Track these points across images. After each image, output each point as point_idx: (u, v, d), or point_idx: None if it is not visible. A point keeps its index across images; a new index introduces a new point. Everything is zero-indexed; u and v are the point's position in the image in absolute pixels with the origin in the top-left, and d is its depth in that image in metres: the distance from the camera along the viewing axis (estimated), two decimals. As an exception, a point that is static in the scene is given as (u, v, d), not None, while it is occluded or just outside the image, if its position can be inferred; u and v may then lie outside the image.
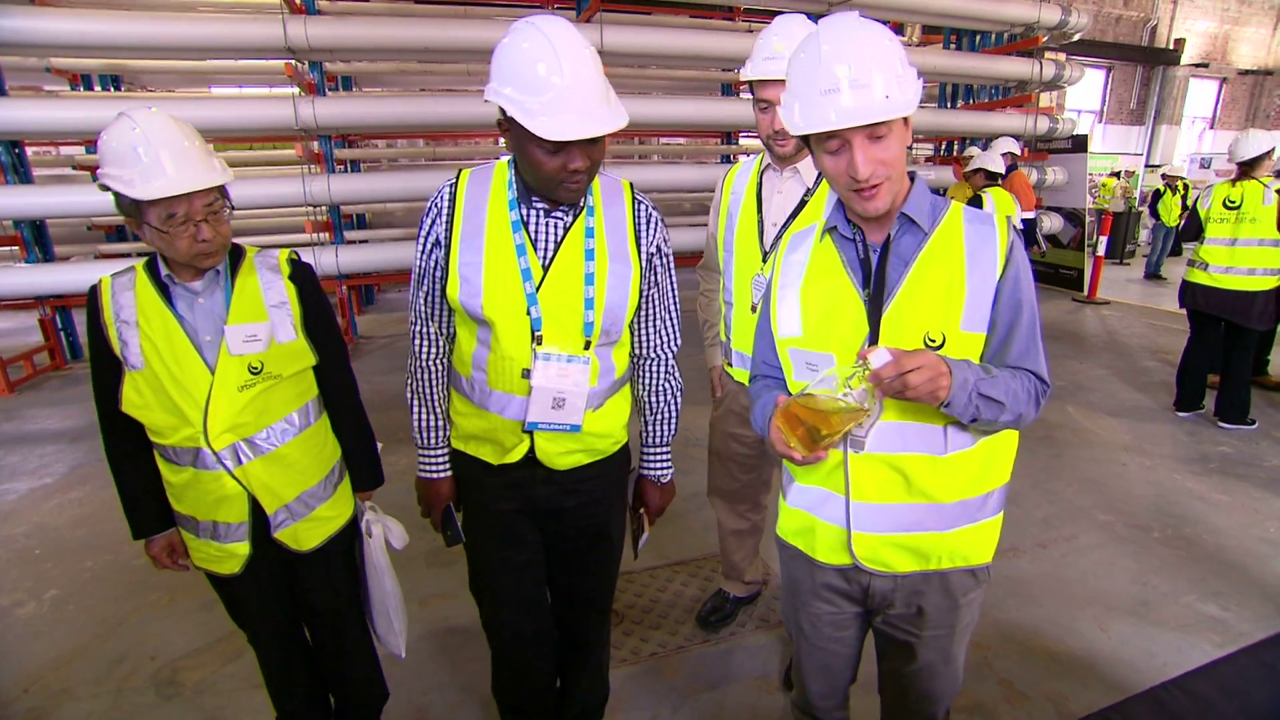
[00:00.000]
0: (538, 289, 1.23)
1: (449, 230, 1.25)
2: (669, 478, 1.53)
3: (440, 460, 1.43)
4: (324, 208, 5.76)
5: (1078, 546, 2.75)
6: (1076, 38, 7.58)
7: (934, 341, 1.02)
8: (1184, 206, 9.05)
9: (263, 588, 1.49)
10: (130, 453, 1.41)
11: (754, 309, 1.73)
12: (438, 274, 1.29)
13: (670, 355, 1.46)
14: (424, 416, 1.41)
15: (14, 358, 5.09)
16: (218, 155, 1.30)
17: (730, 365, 1.90)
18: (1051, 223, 7.53)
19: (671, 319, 1.43)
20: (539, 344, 1.24)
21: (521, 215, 1.25)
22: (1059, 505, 3.08)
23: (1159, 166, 12.48)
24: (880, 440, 1.05)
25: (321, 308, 1.47)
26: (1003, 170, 4.88)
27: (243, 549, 1.41)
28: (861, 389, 0.93)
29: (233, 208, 1.33)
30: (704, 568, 2.59)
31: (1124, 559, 2.65)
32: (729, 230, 1.80)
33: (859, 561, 1.12)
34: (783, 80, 1.51)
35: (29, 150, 5.49)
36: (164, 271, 1.32)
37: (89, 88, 7.10)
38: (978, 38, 7.74)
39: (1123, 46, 14.46)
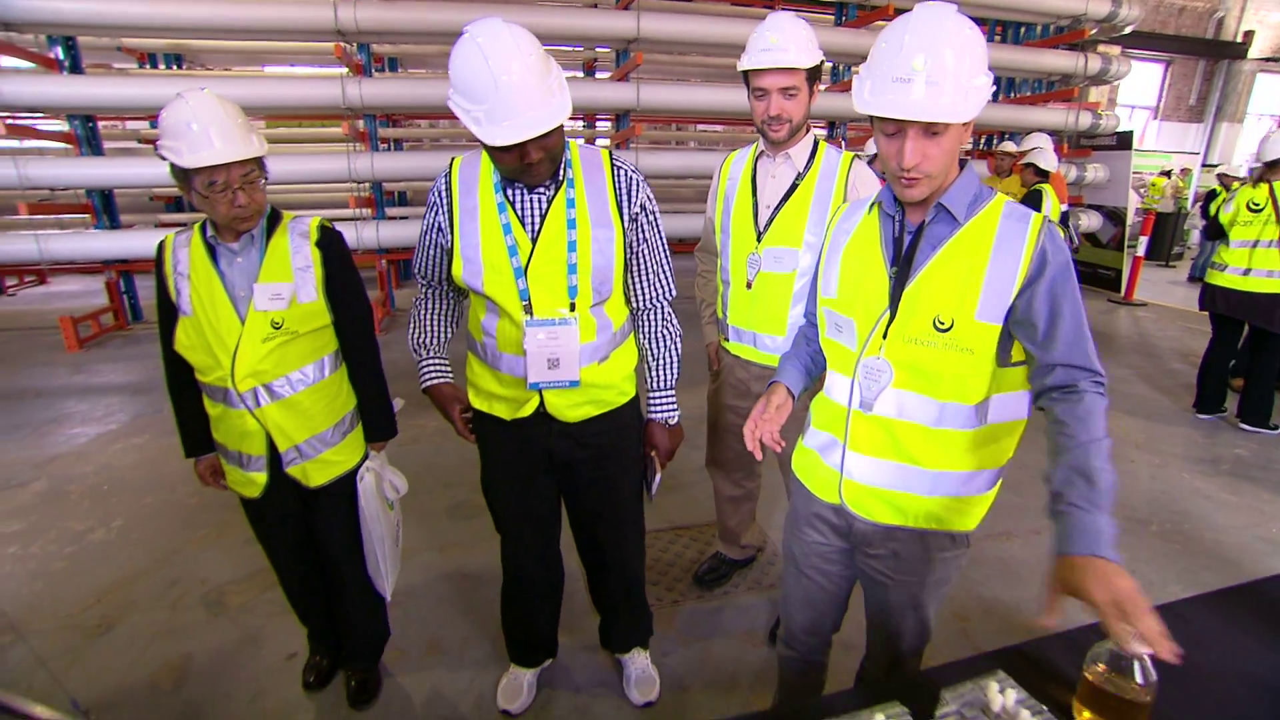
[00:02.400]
0: (526, 263, 1.37)
1: (450, 217, 1.40)
2: (676, 420, 1.67)
3: (433, 368, 1.60)
4: (367, 184, 6.01)
5: (1072, 534, 2.81)
6: (1128, 30, 7.38)
7: (943, 324, 1.07)
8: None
9: (280, 514, 1.70)
10: (184, 385, 1.61)
11: (749, 286, 1.86)
12: (441, 257, 1.47)
13: (666, 304, 1.59)
14: (416, 333, 1.61)
15: (83, 317, 5.48)
16: (257, 131, 1.45)
17: (726, 340, 2.03)
18: (1089, 221, 7.38)
19: (664, 271, 1.56)
20: (528, 314, 1.39)
21: (507, 196, 1.37)
22: (1060, 496, 3.13)
23: (1216, 166, 12.01)
24: (884, 404, 1.13)
25: (345, 272, 1.60)
26: (1054, 166, 4.82)
27: (261, 478, 1.61)
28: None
29: (267, 178, 1.49)
30: (705, 533, 2.74)
31: (1118, 548, 2.71)
32: (726, 213, 1.93)
33: (844, 504, 1.23)
34: (777, 70, 1.65)
35: (100, 124, 5.86)
36: (209, 233, 1.50)
37: (154, 66, 7.49)
38: (1022, 30, 7.58)
39: (1184, 39, 13.86)
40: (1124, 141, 7.54)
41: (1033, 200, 4.60)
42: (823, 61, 1.73)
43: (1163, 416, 4.14)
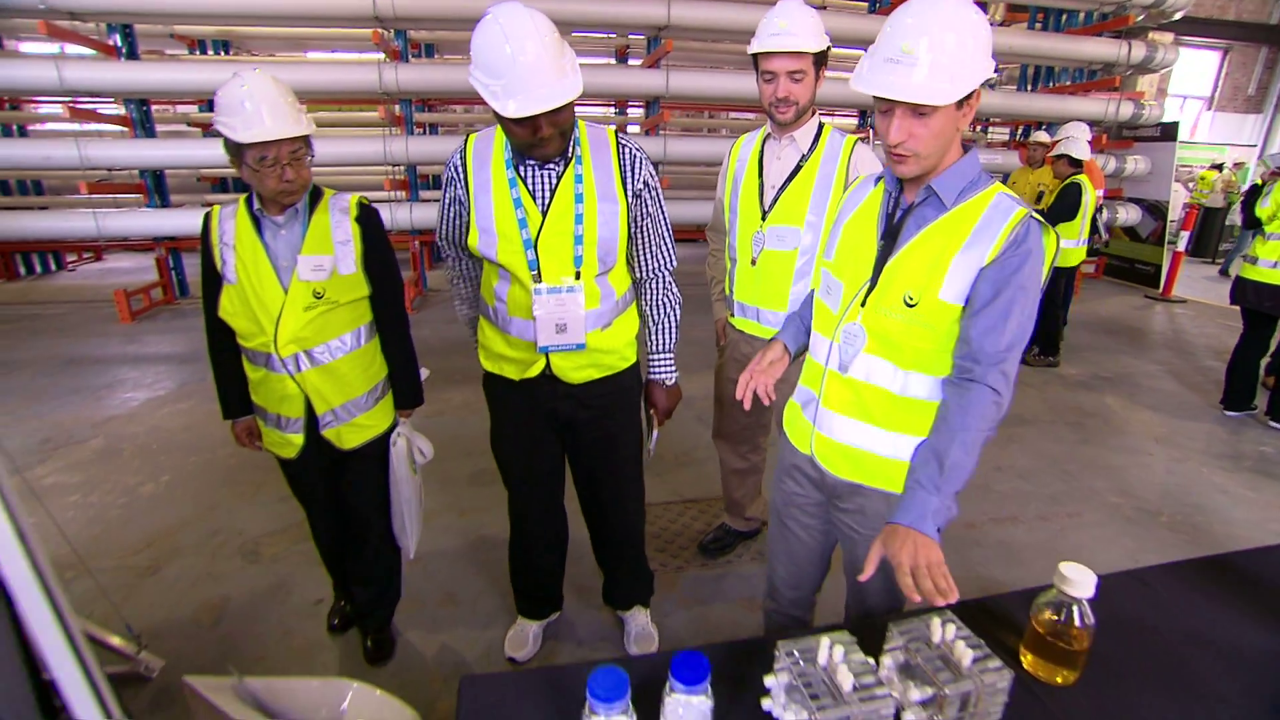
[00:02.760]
0: (536, 235, 1.47)
1: (466, 191, 1.50)
2: (674, 380, 1.78)
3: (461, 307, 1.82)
4: (402, 167, 6.19)
5: (1080, 522, 2.83)
6: (1178, 16, 7.11)
7: (911, 301, 1.11)
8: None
9: (313, 475, 1.79)
10: (224, 350, 1.69)
11: (753, 263, 1.94)
12: (461, 227, 1.57)
13: (667, 273, 1.69)
14: (463, 309, 1.82)
15: (135, 291, 5.79)
16: (305, 112, 1.53)
17: (733, 316, 2.11)
18: (1126, 214, 7.18)
19: (665, 243, 1.65)
20: (537, 281, 1.49)
21: (519, 172, 1.47)
22: (1071, 484, 3.14)
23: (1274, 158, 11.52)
24: (857, 367, 1.19)
25: (381, 248, 1.68)
26: (1087, 156, 4.70)
27: (298, 439, 1.70)
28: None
29: (313, 156, 1.56)
30: (713, 506, 2.83)
31: (1123, 537, 2.72)
32: (734, 193, 2.00)
33: (814, 456, 1.30)
34: (785, 54, 1.72)
35: (152, 108, 6.15)
36: (255, 205, 1.57)
37: (204, 52, 7.79)
38: (1064, 17, 7.38)
39: (1245, 25, 13.23)
40: (1168, 133, 7.31)
41: (1071, 193, 4.51)
42: (829, 47, 1.78)
43: (1187, 412, 4.08)
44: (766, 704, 0.90)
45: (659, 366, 1.76)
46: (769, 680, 0.91)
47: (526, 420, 1.68)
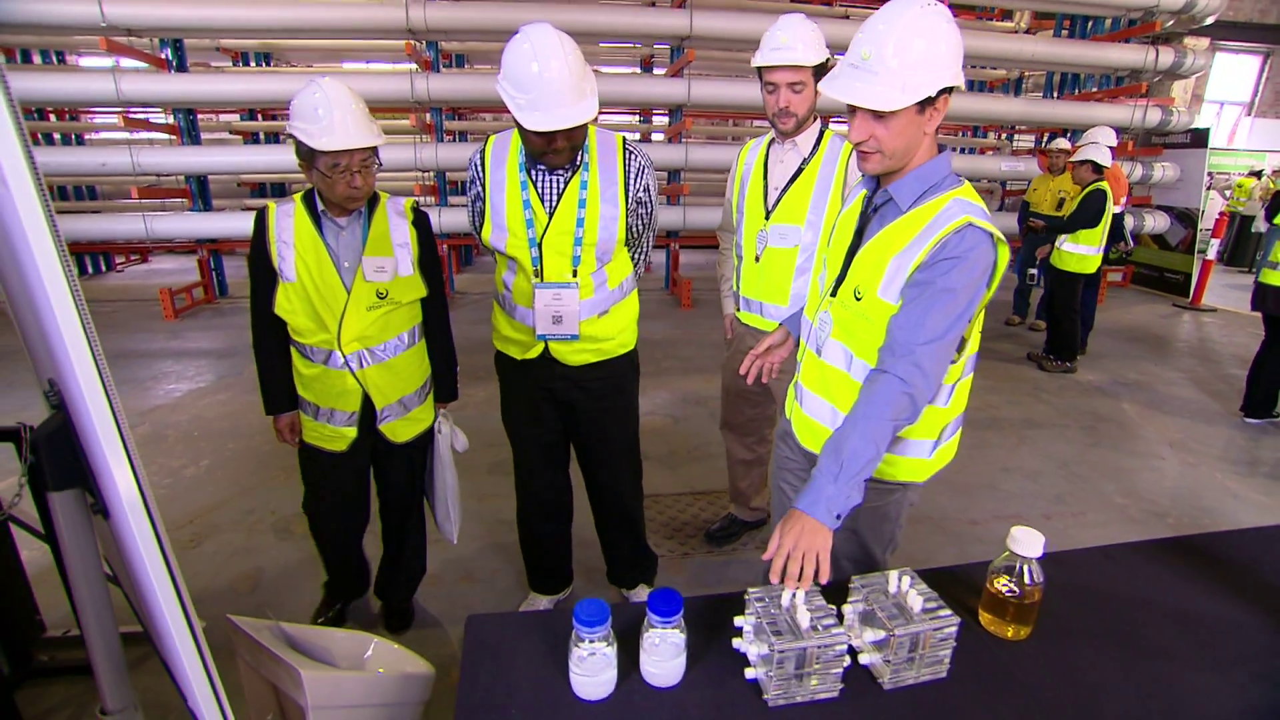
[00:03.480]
0: (541, 235, 1.60)
1: (483, 188, 1.64)
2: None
3: None
4: (431, 173, 6.42)
5: (1083, 522, 2.86)
6: (1209, 21, 7.03)
7: (859, 295, 1.18)
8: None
9: (354, 467, 1.84)
10: (272, 346, 1.73)
11: (757, 260, 2.05)
12: (478, 219, 1.69)
13: (639, 268, 1.83)
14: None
15: (178, 290, 6.10)
16: (375, 121, 1.58)
17: (740, 311, 2.22)
18: (1155, 222, 7.09)
19: (647, 245, 1.81)
20: (538, 277, 1.63)
21: (530, 176, 1.60)
22: (1078, 485, 3.17)
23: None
24: (827, 350, 1.27)
25: (432, 250, 1.75)
26: (1109, 163, 4.66)
27: (351, 433, 1.76)
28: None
29: (380, 164, 1.61)
30: (721, 498, 2.93)
31: (1125, 536, 2.74)
32: (741, 194, 2.12)
33: (790, 424, 1.42)
34: (786, 67, 1.83)
35: (197, 117, 6.48)
36: (320, 207, 1.61)
37: (246, 64, 8.16)
38: (1090, 24, 7.34)
39: (1286, 31, 12.92)
40: (1199, 139, 7.21)
41: (1095, 200, 4.49)
42: (829, 59, 1.89)
43: (1205, 418, 4.05)
44: (737, 643, 1.01)
45: None
46: (739, 620, 1.02)
47: (529, 396, 1.83)
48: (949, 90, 1.09)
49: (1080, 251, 4.64)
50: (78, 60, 8.27)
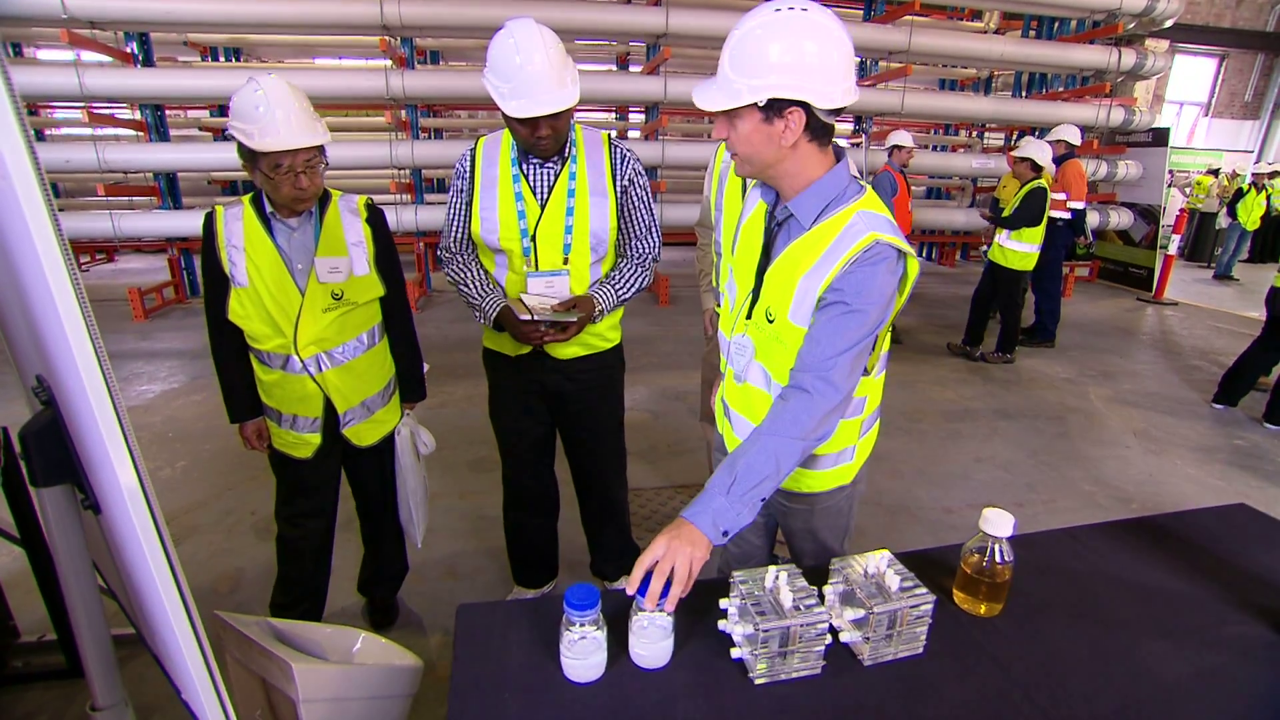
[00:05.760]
0: (535, 226, 1.63)
1: (471, 185, 1.66)
2: (599, 313, 1.70)
3: (493, 298, 1.67)
4: (407, 170, 6.37)
5: (1054, 509, 2.96)
6: (1168, 24, 7.27)
7: (770, 318, 1.13)
8: (1268, 208, 8.53)
9: (323, 474, 1.81)
10: (231, 353, 1.68)
11: (733, 254, 2.09)
12: (465, 215, 1.69)
13: (650, 259, 1.78)
14: (468, 279, 1.70)
15: (147, 290, 5.98)
16: (321, 119, 1.53)
17: (719, 307, 2.25)
18: (1119, 218, 7.31)
19: (651, 233, 1.78)
20: (532, 265, 1.66)
21: (522, 169, 1.64)
22: (1048, 474, 3.27)
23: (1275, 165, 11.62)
24: (749, 374, 1.23)
25: (389, 248, 1.71)
26: (1046, 161, 4.69)
27: (315, 439, 1.72)
28: None
29: (327, 164, 1.56)
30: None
31: (1092, 521, 2.84)
32: (719, 191, 2.15)
33: (723, 439, 1.39)
34: None
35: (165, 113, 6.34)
36: (268, 209, 1.56)
37: (215, 59, 8.00)
38: (1055, 25, 7.54)
39: (1241, 32, 13.37)
40: (1160, 138, 7.44)
41: (1037, 199, 4.52)
42: None
43: (1169, 408, 4.20)
44: (723, 625, 1.04)
45: (601, 294, 1.72)
46: (724, 603, 1.05)
47: (519, 391, 1.84)
48: (804, 106, 1.00)
49: (1023, 249, 4.75)
50: (35, 53, 8.03)
